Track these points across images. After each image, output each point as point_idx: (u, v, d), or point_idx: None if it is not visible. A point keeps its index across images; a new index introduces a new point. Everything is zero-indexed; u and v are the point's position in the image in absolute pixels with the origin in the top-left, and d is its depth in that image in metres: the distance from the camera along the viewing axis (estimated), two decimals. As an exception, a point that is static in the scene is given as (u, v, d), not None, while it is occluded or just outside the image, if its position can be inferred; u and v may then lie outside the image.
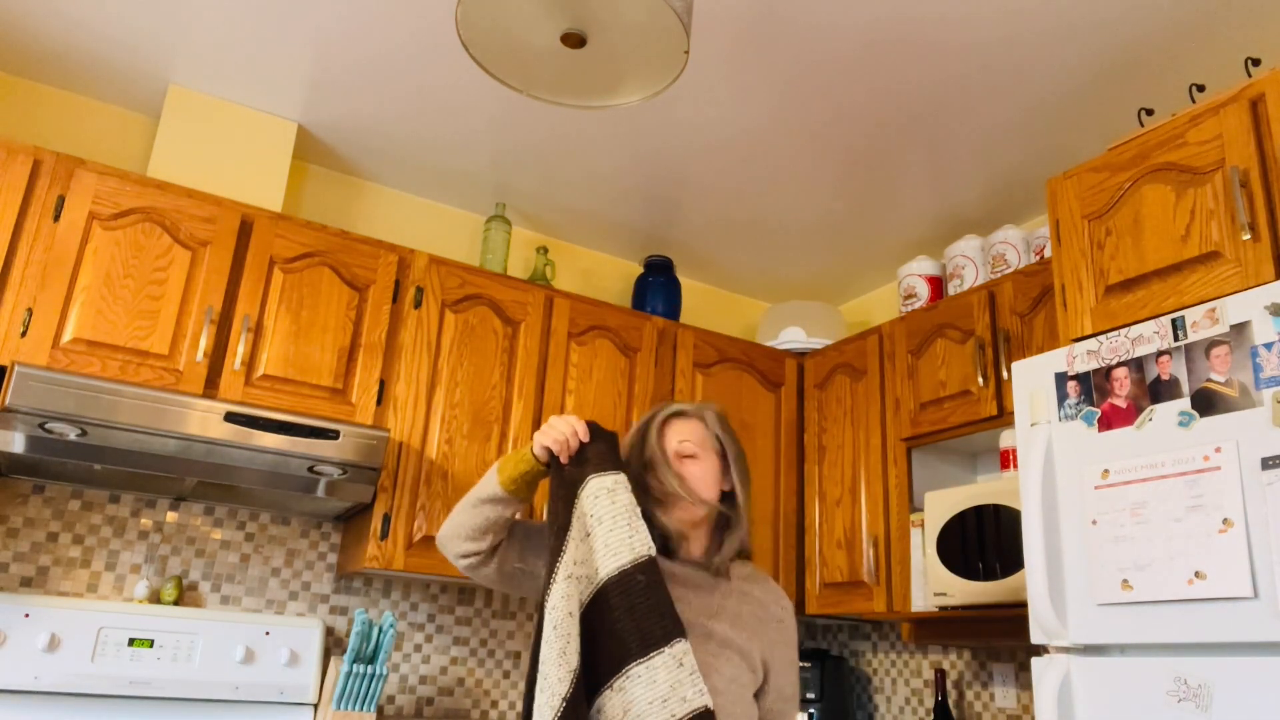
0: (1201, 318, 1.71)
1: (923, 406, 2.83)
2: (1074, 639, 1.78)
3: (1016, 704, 2.73)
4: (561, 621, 1.32)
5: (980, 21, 2.25)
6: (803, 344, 3.46)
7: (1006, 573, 2.34)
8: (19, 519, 2.46)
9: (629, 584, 1.35)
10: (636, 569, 1.36)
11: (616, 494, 1.43)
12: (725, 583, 1.54)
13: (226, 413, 2.30)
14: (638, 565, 1.37)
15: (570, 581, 1.37)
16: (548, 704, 1.28)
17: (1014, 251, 2.84)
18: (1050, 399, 1.94)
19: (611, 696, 1.31)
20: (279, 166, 2.83)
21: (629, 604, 1.34)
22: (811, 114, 2.66)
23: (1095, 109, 2.55)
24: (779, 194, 3.11)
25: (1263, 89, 1.83)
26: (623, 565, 1.37)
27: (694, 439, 1.57)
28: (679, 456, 1.55)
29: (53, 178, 2.35)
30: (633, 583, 1.35)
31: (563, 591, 1.35)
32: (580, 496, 1.44)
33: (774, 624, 1.55)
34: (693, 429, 1.59)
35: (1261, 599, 1.51)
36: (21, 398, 2.09)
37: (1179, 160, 1.93)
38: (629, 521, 1.40)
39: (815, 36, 2.34)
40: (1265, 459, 1.55)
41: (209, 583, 2.64)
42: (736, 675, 1.44)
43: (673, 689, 1.29)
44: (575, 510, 1.43)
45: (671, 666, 1.30)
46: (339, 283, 2.64)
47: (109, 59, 2.63)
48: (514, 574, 1.56)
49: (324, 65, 2.60)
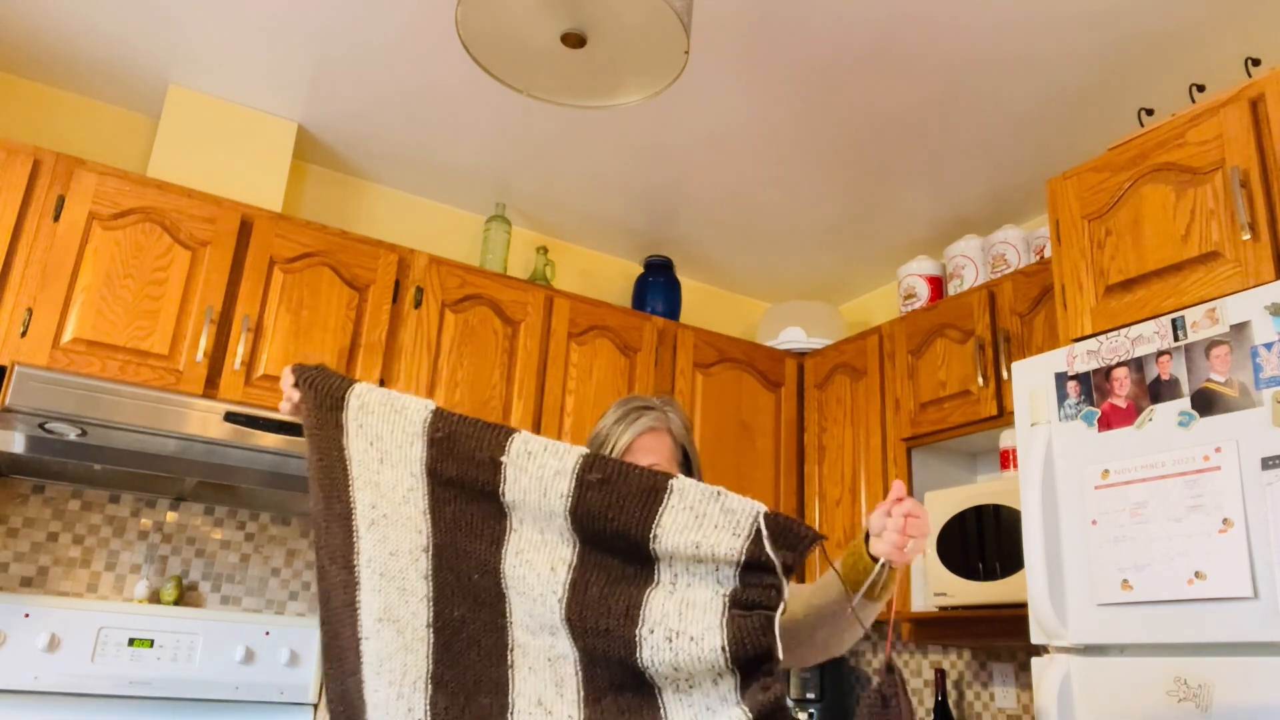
0: (1201, 318, 1.71)
1: (923, 406, 2.83)
2: (1074, 639, 1.78)
3: (1016, 704, 2.73)
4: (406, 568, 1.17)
5: (980, 22, 2.25)
6: (803, 344, 3.46)
7: (1006, 573, 2.34)
8: (19, 519, 2.46)
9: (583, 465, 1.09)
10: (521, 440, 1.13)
11: (387, 404, 1.23)
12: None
13: (226, 413, 2.30)
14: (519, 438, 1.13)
15: (383, 524, 1.20)
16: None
17: (1014, 251, 2.84)
18: (1050, 399, 1.94)
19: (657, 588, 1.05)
20: (279, 166, 2.83)
21: (604, 478, 1.07)
22: (812, 114, 2.66)
23: (1095, 109, 2.55)
24: (779, 194, 3.11)
25: (1263, 89, 1.83)
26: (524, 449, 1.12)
27: (663, 457, 1.51)
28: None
29: (53, 178, 2.35)
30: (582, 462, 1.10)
31: (381, 535, 1.20)
32: (346, 427, 1.25)
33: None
34: (661, 445, 1.52)
35: (1261, 599, 1.51)
36: (21, 398, 2.09)
37: (1179, 160, 1.93)
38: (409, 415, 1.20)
39: (815, 37, 2.34)
40: (1265, 459, 1.55)
41: (209, 583, 2.64)
42: None
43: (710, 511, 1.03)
44: (346, 447, 1.25)
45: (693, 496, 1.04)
46: (339, 283, 2.64)
47: (109, 59, 2.63)
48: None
49: (324, 65, 2.60)
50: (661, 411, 1.54)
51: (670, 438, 1.52)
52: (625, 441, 1.49)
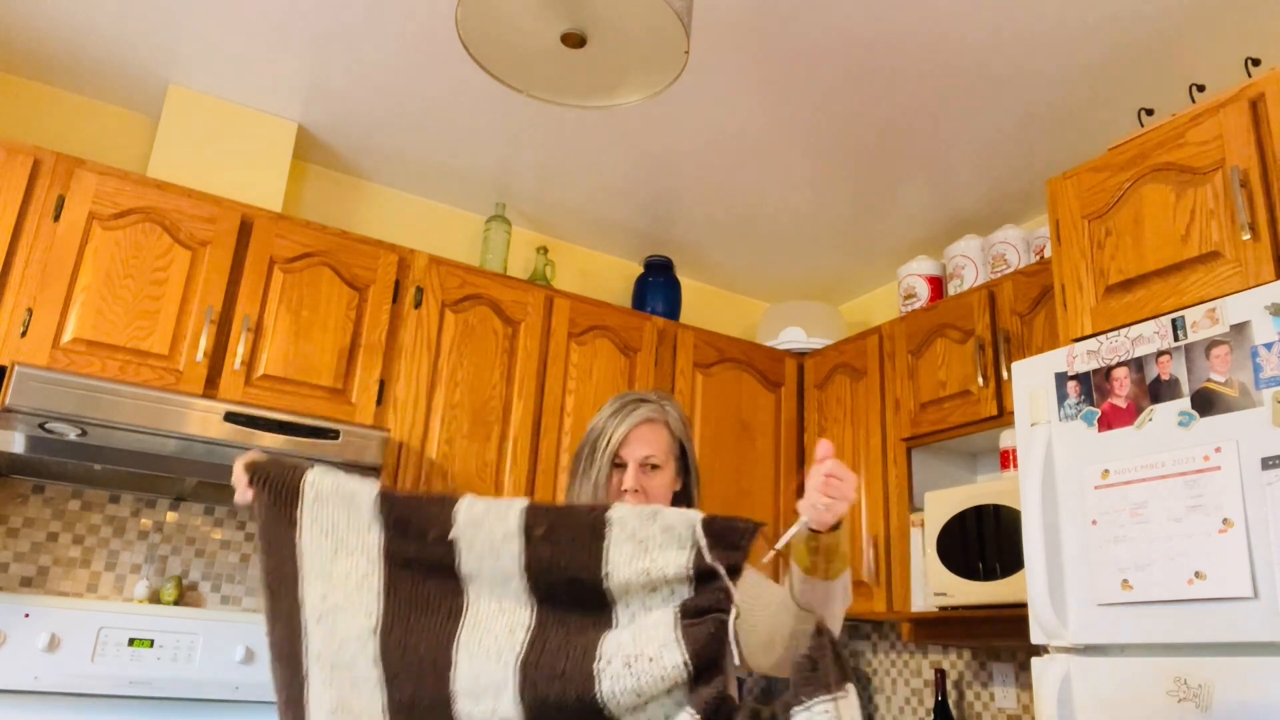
0: (1201, 318, 1.71)
1: (923, 406, 2.83)
2: (1074, 639, 1.78)
3: (1016, 704, 2.73)
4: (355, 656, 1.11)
5: (980, 22, 2.25)
6: (803, 344, 3.46)
7: (1006, 573, 2.34)
8: (19, 519, 2.46)
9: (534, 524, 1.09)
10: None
11: (340, 489, 1.19)
12: None
13: (226, 413, 2.30)
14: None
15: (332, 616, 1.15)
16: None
17: (1014, 251, 2.84)
18: (1050, 399, 1.94)
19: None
20: (279, 166, 2.83)
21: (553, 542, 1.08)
22: (812, 113, 2.66)
23: (1095, 109, 2.55)
24: (779, 194, 3.11)
25: (1263, 89, 1.83)
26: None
27: (660, 451, 1.50)
28: (643, 468, 1.49)
29: (53, 178, 2.35)
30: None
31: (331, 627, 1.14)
32: (300, 522, 1.20)
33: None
34: (657, 438, 1.51)
35: (1261, 599, 1.51)
36: (21, 398, 2.09)
37: (1179, 160, 1.93)
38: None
39: (815, 36, 2.34)
40: (1265, 459, 1.55)
41: (209, 583, 2.64)
42: None
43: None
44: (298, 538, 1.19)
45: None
46: (339, 283, 2.64)
47: (109, 59, 2.63)
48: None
49: (324, 65, 2.60)
50: (659, 405, 1.53)
51: (667, 431, 1.52)
52: (621, 434, 1.49)
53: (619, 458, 1.49)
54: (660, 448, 1.50)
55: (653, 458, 1.49)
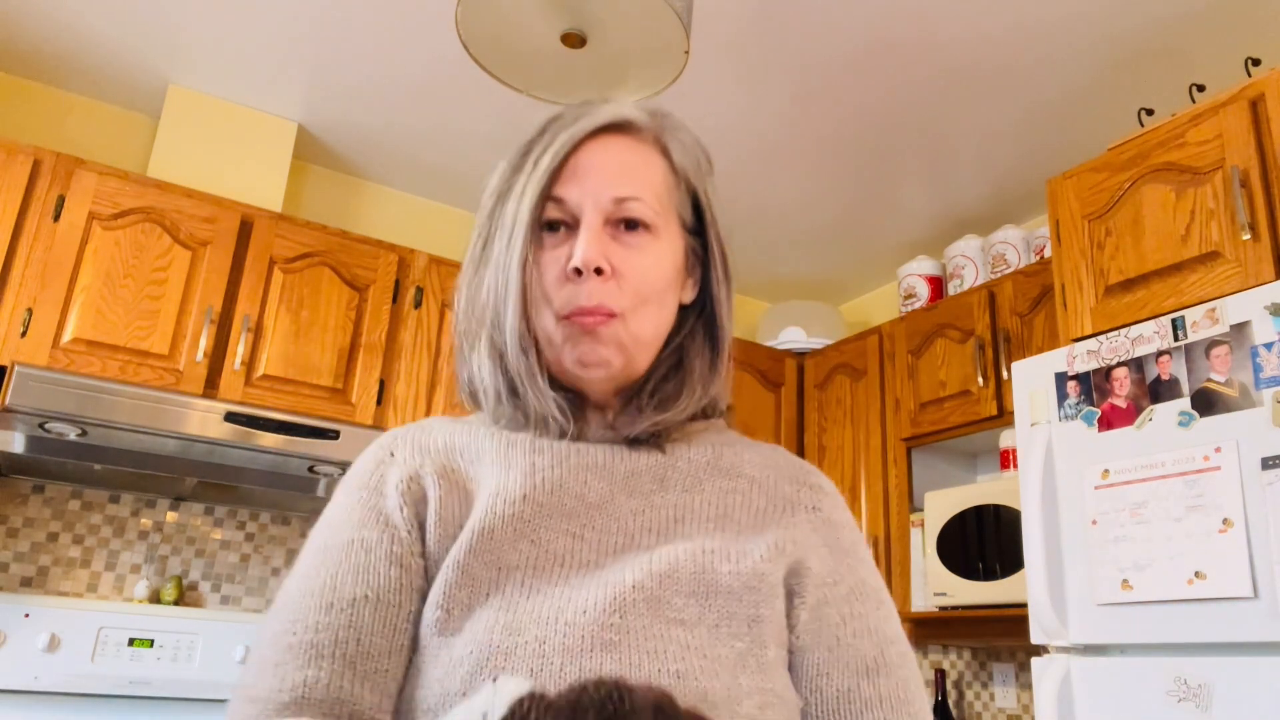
0: (1201, 318, 1.71)
1: (923, 406, 2.83)
2: (1074, 639, 1.78)
3: (1016, 704, 2.73)
4: None
5: (980, 21, 2.25)
6: (803, 344, 3.46)
7: (1006, 573, 2.34)
8: (19, 519, 2.46)
9: None
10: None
11: None
12: (680, 460, 0.78)
13: (226, 413, 2.30)
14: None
15: None
16: None
17: (1014, 251, 2.84)
18: (1050, 399, 1.94)
19: None
20: (279, 166, 2.83)
21: None
22: (811, 114, 2.66)
23: (1095, 109, 2.55)
24: (779, 194, 3.11)
25: (1263, 89, 1.83)
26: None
27: (647, 189, 0.77)
28: (613, 224, 0.75)
29: (53, 178, 2.35)
30: None
31: None
32: None
33: (801, 513, 0.78)
34: (645, 165, 0.79)
35: (1261, 599, 1.51)
36: (21, 398, 2.09)
37: (1179, 160, 1.93)
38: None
39: (815, 36, 2.34)
40: (1265, 459, 1.55)
41: (209, 583, 2.64)
42: (711, 635, 0.67)
43: None
44: None
45: None
46: (339, 283, 2.64)
47: (109, 59, 2.63)
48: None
49: (324, 65, 2.60)
50: (648, 113, 0.83)
51: (661, 158, 0.81)
52: (563, 146, 0.77)
53: (555, 197, 0.76)
54: (647, 183, 0.77)
55: (632, 200, 0.75)
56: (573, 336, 0.74)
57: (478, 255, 0.80)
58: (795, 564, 0.73)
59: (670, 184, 0.81)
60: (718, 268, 0.83)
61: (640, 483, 0.75)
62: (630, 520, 0.73)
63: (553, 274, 0.74)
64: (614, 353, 0.75)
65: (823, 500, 0.82)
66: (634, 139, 0.80)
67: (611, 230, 0.75)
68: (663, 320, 0.79)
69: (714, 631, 0.67)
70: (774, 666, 0.69)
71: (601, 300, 0.73)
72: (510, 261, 0.74)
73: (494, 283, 0.76)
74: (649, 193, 0.77)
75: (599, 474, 0.75)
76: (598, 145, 0.78)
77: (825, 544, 0.77)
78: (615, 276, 0.74)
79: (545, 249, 0.75)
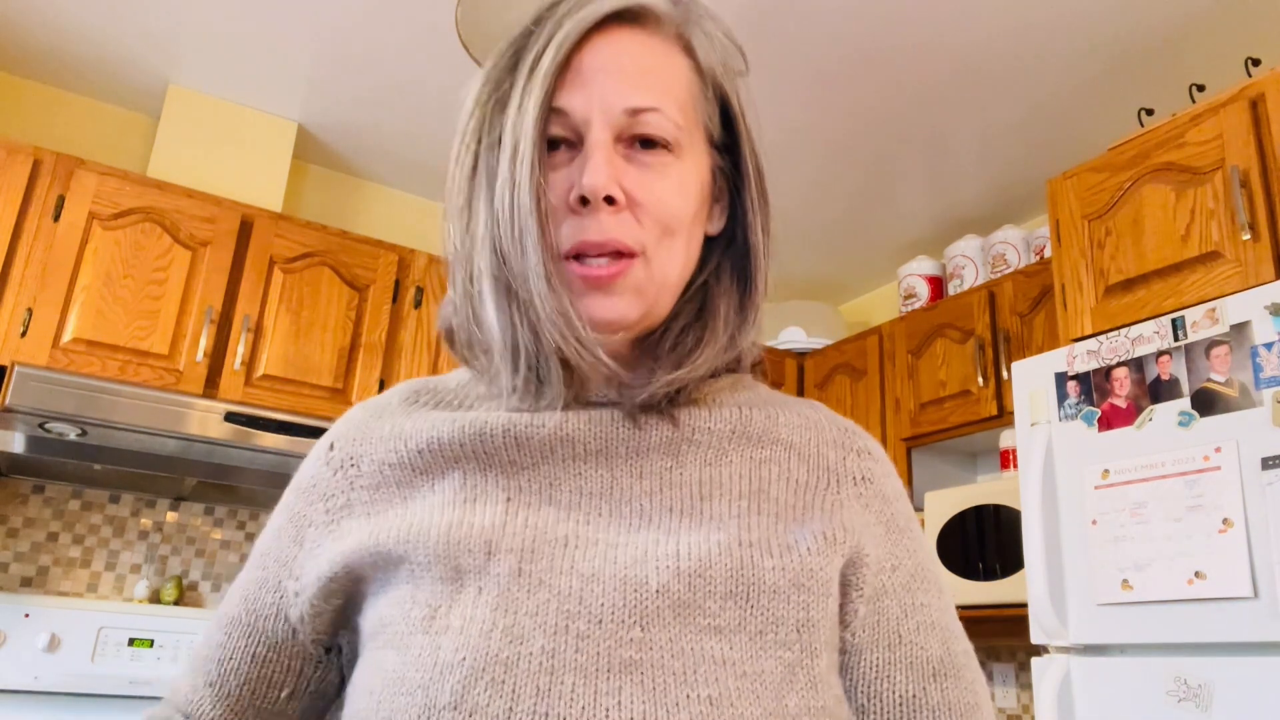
0: (1201, 318, 1.71)
1: (923, 406, 2.83)
2: (1074, 639, 1.78)
3: (1016, 704, 2.73)
4: None
5: (980, 22, 2.25)
6: (803, 344, 3.46)
7: (1006, 573, 2.34)
8: (19, 519, 2.46)
9: None
10: None
11: None
12: (699, 430, 0.65)
13: (226, 413, 2.30)
14: None
15: None
16: None
17: (1014, 251, 2.84)
18: (1050, 399, 1.94)
19: None
20: (279, 166, 2.83)
21: None
22: (811, 115, 2.66)
23: (1095, 109, 2.55)
24: (779, 194, 3.08)
25: (1263, 89, 1.83)
26: None
27: (667, 95, 0.64)
28: (626, 141, 0.62)
29: (53, 178, 2.35)
30: None
31: None
32: None
33: (849, 486, 0.66)
34: (663, 67, 0.65)
35: (1261, 599, 1.51)
36: (21, 398, 2.09)
37: (1179, 160, 1.93)
38: None
39: (816, 36, 2.34)
40: (1265, 459, 1.55)
41: (209, 583, 2.64)
42: (754, 645, 0.57)
43: None
44: None
45: None
46: (339, 283, 2.64)
47: (109, 59, 2.63)
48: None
49: (324, 65, 2.60)
50: (668, 6, 0.67)
51: (682, 54, 0.67)
52: (559, 47, 0.63)
53: (555, 108, 0.62)
54: (668, 89, 0.64)
55: (649, 112, 0.62)
56: (578, 287, 0.60)
57: (466, 182, 0.66)
58: (853, 554, 0.62)
59: (696, 90, 0.67)
60: (752, 190, 0.73)
61: (649, 462, 0.62)
62: (644, 501, 0.60)
63: (555, 199, 0.61)
64: (632, 303, 0.62)
65: (874, 469, 0.68)
66: (651, 33, 0.65)
67: (625, 149, 0.62)
68: (688, 257, 0.66)
69: (757, 640, 0.56)
70: (826, 679, 0.59)
71: (614, 234, 0.60)
72: (520, 181, 0.59)
73: (503, 211, 0.60)
74: (670, 102, 0.63)
75: (596, 461, 0.62)
76: (606, 41, 0.63)
77: (880, 521, 0.65)
78: (630, 206, 0.61)
79: (548, 169, 0.62)
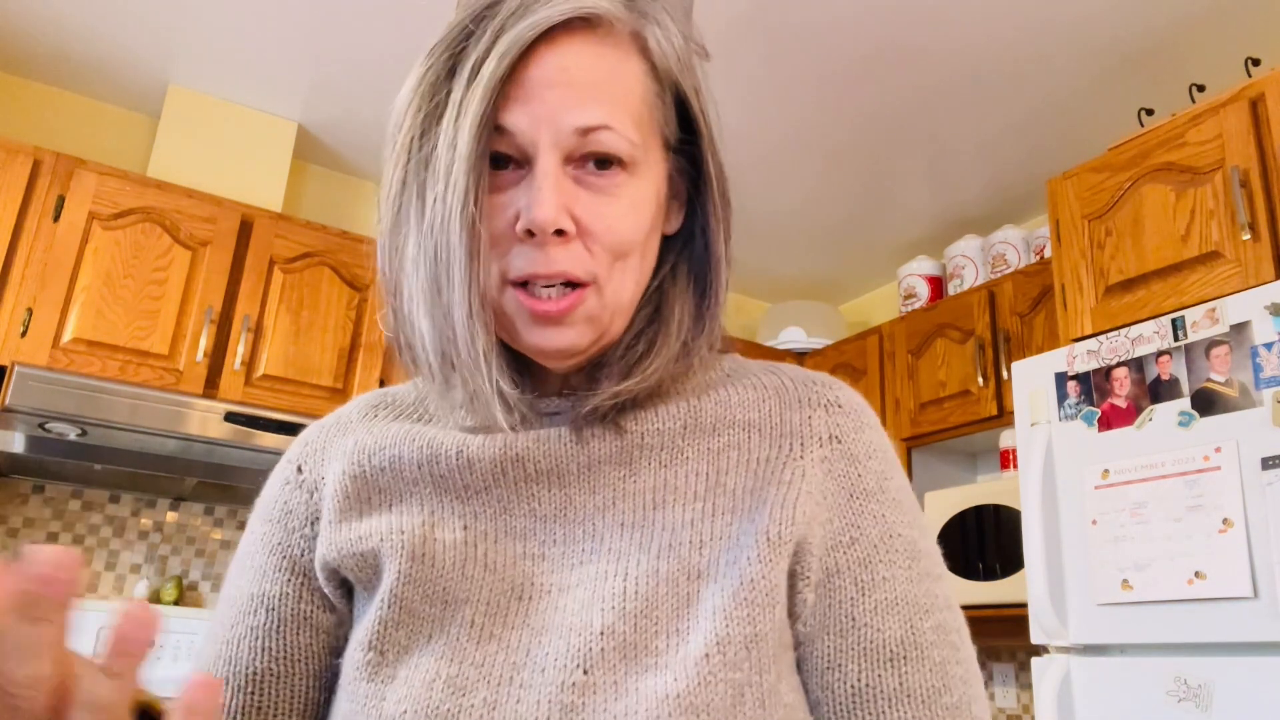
0: (1201, 318, 1.71)
1: (923, 406, 2.83)
2: (1074, 639, 1.78)
3: (1016, 704, 2.73)
4: None
5: (980, 23, 2.25)
6: (803, 344, 3.46)
7: (1006, 573, 2.33)
8: (19, 519, 2.46)
9: None
10: None
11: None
12: (649, 433, 0.62)
13: (226, 413, 2.30)
14: None
15: None
16: None
17: (1014, 251, 2.84)
18: (1050, 399, 1.94)
19: None
20: (279, 166, 2.83)
21: None
22: (812, 116, 2.66)
23: (1095, 109, 2.55)
24: (779, 194, 3.11)
25: (1263, 89, 1.83)
26: None
27: (621, 109, 0.58)
28: (575, 161, 0.57)
29: (53, 178, 2.35)
30: None
31: None
32: None
33: (813, 448, 0.62)
34: (616, 72, 0.59)
35: (1261, 599, 1.51)
36: (21, 398, 2.09)
37: (1179, 160, 1.93)
38: None
39: (816, 36, 2.34)
40: (1265, 459, 1.55)
41: (209, 583, 2.64)
42: (699, 672, 0.54)
43: None
44: None
45: None
46: (339, 282, 2.64)
47: (109, 59, 2.63)
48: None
49: (324, 65, 2.60)
50: (623, 9, 0.61)
51: (636, 57, 0.61)
52: (502, 57, 0.57)
53: (498, 125, 0.57)
54: (621, 102, 0.59)
55: (601, 130, 0.57)
56: (525, 317, 0.58)
57: (396, 198, 0.60)
58: (797, 546, 0.58)
59: (651, 96, 0.61)
60: (714, 193, 0.68)
61: (602, 475, 0.60)
62: (597, 519, 0.59)
63: (500, 225, 0.56)
64: (583, 332, 0.58)
65: (842, 424, 0.63)
66: (602, 39, 0.59)
67: (575, 169, 0.57)
68: (643, 272, 0.62)
69: (703, 665, 0.53)
70: (775, 690, 0.56)
71: (564, 267, 0.56)
72: (451, 211, 0.55)
73: (428, 239, 0.57)
74: (623, 116, 0.57)
75: (548, 481, 0.60)
76: (554, 52, 0.57)
77: (843, 488, 0.61)
78: (581, 235, 0.56)
79: (489, 191, 0.56)
